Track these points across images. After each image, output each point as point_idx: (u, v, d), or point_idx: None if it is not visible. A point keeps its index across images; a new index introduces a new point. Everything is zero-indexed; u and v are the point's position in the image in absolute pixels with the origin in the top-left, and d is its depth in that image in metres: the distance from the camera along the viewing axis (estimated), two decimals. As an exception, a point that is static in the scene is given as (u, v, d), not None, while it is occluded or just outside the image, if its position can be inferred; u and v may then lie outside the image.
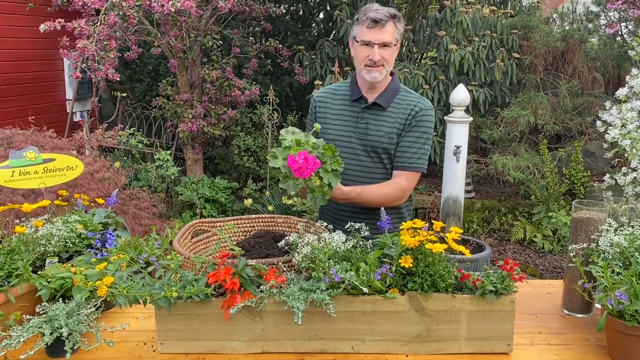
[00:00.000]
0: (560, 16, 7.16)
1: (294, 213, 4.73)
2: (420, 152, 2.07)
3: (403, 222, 1.63)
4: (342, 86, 2.22)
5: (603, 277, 1.56)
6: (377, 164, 2.10)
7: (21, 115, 5.90)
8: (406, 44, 6.30)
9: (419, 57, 6.40)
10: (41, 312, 1.51)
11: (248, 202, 5.29)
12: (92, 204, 2.17)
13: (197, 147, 5.90)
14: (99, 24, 4.63)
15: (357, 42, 2.04)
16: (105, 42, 4.66)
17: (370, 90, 2.11)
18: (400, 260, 1.54)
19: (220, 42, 5.91)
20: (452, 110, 4.61)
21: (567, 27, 6.80)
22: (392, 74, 2.13)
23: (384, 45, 2.00)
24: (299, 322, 1.45)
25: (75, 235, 1.89)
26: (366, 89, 2.12)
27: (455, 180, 4.60)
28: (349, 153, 2.11)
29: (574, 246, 1.76)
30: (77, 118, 6.85)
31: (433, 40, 5.92)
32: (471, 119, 4.66)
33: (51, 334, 1.45)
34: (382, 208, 1.78)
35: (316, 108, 2.23)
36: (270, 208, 5.07)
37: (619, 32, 6.47)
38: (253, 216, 2.05)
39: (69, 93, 6.91)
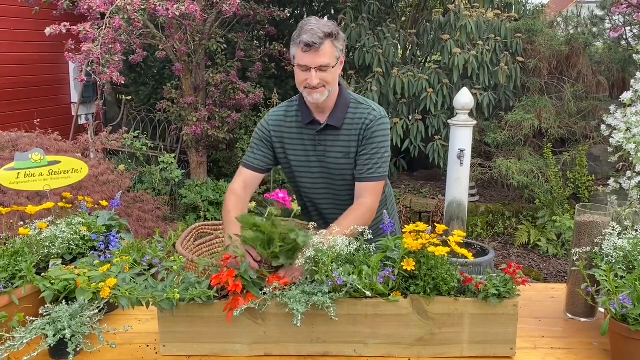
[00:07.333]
0: (565, 20, 7.15)
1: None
2: (381, 161, 1.99)
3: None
4: (290, 109, 2.09)
5: (606, 280, 1.56)
6: (342, 185, 2.06)
7: (27, 118, 5.93)
8: (410, 48, 6.30)
9: (423, 61, 6.39)
10: (44, 313, 1.52)
11: (252, 205, 5.27)
12: (96, 206, 2.18)
13: (202, 150, 5.91)
14: (104, 27, 4.65)
15: (295, 65, 1.92)
16: (110, 46, 4.68)
17: (320, 111, 2.01)
18: (402, 264, 1.54)
19: (225, 45, 5.92)
20: (456, 114, 4.62)
21: (571, 31, 6.79)
22: (339, 84, 2.01)
23: (322, 67, 1.88)
24: (298, 325, 1.45)
25: (78, 237, 1.90)
26: (316, 111, 2.01)
27: (459, 184, 4.60)
28: (313, 178, 2.07)
29: (577, 250, 1.76)
30: (82, 121, 6.87)
31: (437, 43, 5.92)
32: (475, 122, 4.66)
33: (54, 335, 1.46)
34: (385, 211, 1.79)
35: (271, 132, 2.08)
36: (274, 211, 5.06)
37: (624, 36, 6.46)
38: (256, 219, 2.04)
39: (74, 96, 6.94)
